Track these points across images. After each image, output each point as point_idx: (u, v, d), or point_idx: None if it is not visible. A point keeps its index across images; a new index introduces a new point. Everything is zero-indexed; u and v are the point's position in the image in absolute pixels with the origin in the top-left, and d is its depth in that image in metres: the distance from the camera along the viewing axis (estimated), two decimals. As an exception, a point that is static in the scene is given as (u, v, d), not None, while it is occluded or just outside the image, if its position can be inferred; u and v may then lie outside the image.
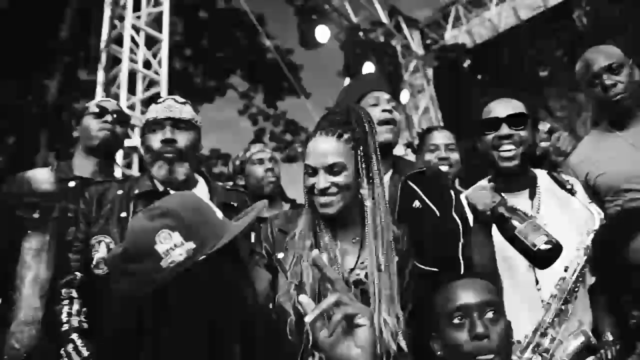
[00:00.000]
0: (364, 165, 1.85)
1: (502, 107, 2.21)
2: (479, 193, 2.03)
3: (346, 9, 8.67)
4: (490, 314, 1.61)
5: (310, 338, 1.08)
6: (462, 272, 2.06)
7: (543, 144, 2.90)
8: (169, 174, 2.25)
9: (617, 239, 1.44)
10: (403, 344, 1.74)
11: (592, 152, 2.53)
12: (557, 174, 2.18)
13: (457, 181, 3.12)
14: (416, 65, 9.87)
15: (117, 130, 2.83)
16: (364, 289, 1.81)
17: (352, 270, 1.84)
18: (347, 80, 8.89)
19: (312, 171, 1.85)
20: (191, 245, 1.23)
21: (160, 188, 2.26)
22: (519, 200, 2.22)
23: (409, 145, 3.91)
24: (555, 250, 1.76)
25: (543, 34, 10.01)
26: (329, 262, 1.82)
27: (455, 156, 3.16)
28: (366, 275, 1.82)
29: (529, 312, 2.02)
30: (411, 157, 3.47)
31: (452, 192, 2.24)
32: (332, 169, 1.83)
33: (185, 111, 2.31)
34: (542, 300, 2.00)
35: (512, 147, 2.16)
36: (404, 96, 8.93)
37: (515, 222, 1.83)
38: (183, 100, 2.37)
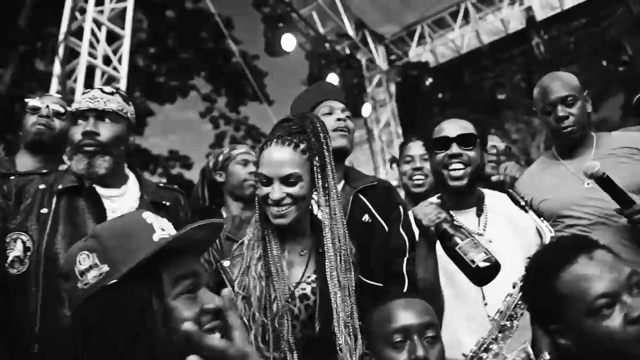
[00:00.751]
0: (319, 177, 1.84)
1: (452, 127, 2.26)
2: (425, 209, 2.06)
3: (313, 20, 8.69)
4: (429, 336, 1.63)
5: None
6: (405, 287, 2.09)
7: (494, 178, 2.99)
8: (88, 167, 2.14)
9: (549, 267, 1.46)
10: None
11: (538, 178, 2.61)
12: (513, 191, 2.21)
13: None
14: (380, 80, 9.99)
15: (56, 125, 2.74)
16: (308, 304, 1.80)
17: (298, 283, 1.83)
18: (310, 90, 8.92)
19: (266, 181, 1.82)
20: (105, 268, 1.19)
21: (87, 183, 2.15)
22: (466, 217, 2.29)
23: (392, 160, 3.93)
24: (493, 268, 1.80)
25: (503, 59, 10.32)
26: (276, 274, 1.80)
27: (429, 166, 3.17)
28: (312, 290, 1.81)
29: (475, 326, 2.07)
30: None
31: (401, 208, 2.26)
32: (287, 180, 1.80)
33: (112, 102, 2.21)
34: (488, 316, 2.03)
35: (461, 166, 2.22)
36: (366, 109, 9.01)
37: (457, 239, 1.87)
38: (111, 90, 2.27)
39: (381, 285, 2.12)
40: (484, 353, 1.93)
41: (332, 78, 8.29)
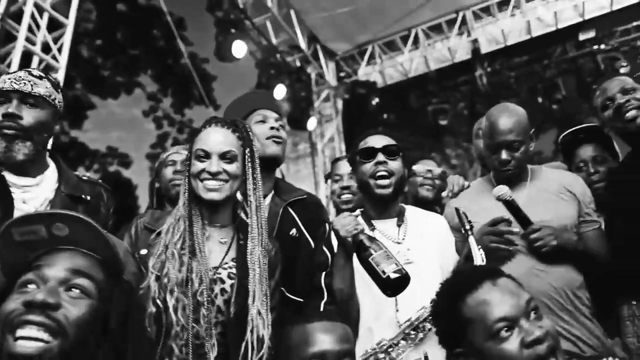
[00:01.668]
0: (250, 166, 1.97)
1: (377, 139, 2.39)
2: (344, 220, 2.14)
3: (267, 29, 8.69)
4: None
5: None
6: (324, 300, 2.13)
7: (428, 193, 3.07)
8: (5, 151, 2.05)
9: (456, 292, 1.53)
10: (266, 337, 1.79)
11: (470, 202, 2.65)
12: (463, 214, 2.27)
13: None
14: (328, 95, 10.09)
15: None
16: (224, 288, 1.84)
17: (215, 268, 1.87)
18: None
19: (204, 155, 1.92)
20: None
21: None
22: (387, 226, 2.39)
23: (327, 177, 3.98)
24: (403, 279, 1.89)
25: (448, 86, 10.67)
26: (199, 254, 1.84)
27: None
28: (229, 275, 1.86)
29: (383, 329, 2.13)
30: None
31: (327, 225, 2.31)
32: (225, 156, 1.93)
33: (40, 87, 2.13)
34: (397, 322, 2.12)
35: (387, 174, 2.33)
36: (312, 123, 9.08)
37: (371, 250, 1.96)
38: (40, 74, 2.19)
39: (302, 300, 2.16)
40: (382, 354, 2.04)
41: (280, 89, 8.31)
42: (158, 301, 1.73)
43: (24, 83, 2.10)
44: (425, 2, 8.90)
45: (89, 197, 2.29)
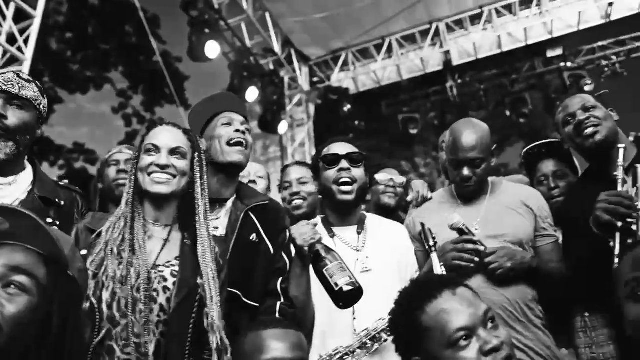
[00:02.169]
0: (198, 169, 2.01)
1: (341, 147, 2.43)
2: (302, 229, 2.15)
3: (241, 31, 8.67)
4: None
5: None
6: (279, 303, 2.14)
7: (391, 201, 3.11)
8: None
9: (415, 301, 1.55)
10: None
11: (432, 213, 2.68)
12: (428, 230, 2.31)
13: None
14: (300, 100, 10.11)
15: None
16: (167, 286, 1.82)
17: (157, 266, 1.85)
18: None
19: (154, 149, 1.94)
20: None
21: None
22: (348, 234, 2.41)
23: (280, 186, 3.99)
24: (355, 292, 1.90)
25: (419, 96, 10.82)
26: (139, 251, 1.83)
27: (307, 189, 3.23)
28: (171, 273, 1.85)
29: (339, 336, 2.15)
30: None
31: (287, 232, 2.31)
32: (175, 151, 1.95)
33: (28, 90, 2.17)
34: (354, 329, 2.13)
35: (350, 181, 2.36)
36: (283, 127, 9.07)
37: (327, 261, 1.97)
38: (29, 78, 2.22)
39: (257, 305, 2.16)
40: None
41: (253, 91, 8.29)
42: (92, 298, 1.71)
43: (12, 85, 2.13)
44: (400, 12, 9.02)
45: (62, 202, 2.30)
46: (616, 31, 9.74)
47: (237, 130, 2.33)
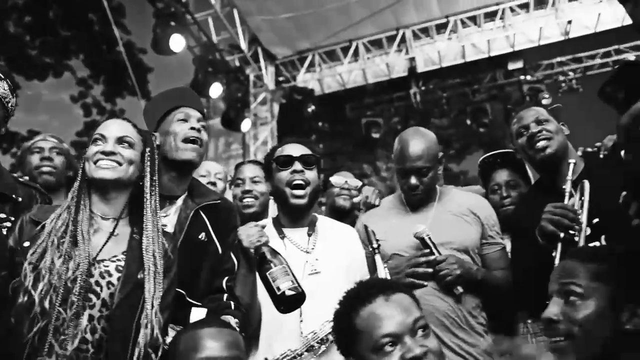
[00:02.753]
0: (149, 164, 1.98)
1: (295, 148, 2.43)
2: (250, 230, 2.15)
3: (208, 26, 8.57)
4: None
5: None
6: (224, 298, 2.14)
7: (345, 203, 3.14)
8: None
9: (352, 304, 1.57)
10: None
11: (381, 219, 2.72)
12: (371, 232, 2.35)
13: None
14: (265, 98, 10.04)
15: None
16: (110, 282, 1.78)
17: (99, 260, 1.80)
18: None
19: (101, 138, 1.92)
20: None
21: None
22: (298, 236, 2.41)
23: (231, 182, 3.96)
24: (297, 297, 1.91)
25: (383, 100, 10.93)
26: (81, 241, 1.79)
27: (260, 188, 3.21)
28: (116, 268, 1.81)
29: (286, 338, 2.15)
30: None
31: (237, 231, 2.29)
32: (122, 140, 1.93)
33: None
34: (301, 332, 2.14)
35: (303, 183, 2.36)
36: (246, 124, 9.00)
37: (271, 264, 1.97)
38: (0, 75, 2.20)
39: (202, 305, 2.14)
40: None
41: (217, 87, 8.20)
42: (32, 290, 1.66)
43: None
44: (368, 16, 9.09)
45: (20, 199, 2.28)
46: (574, 48, 10.09)
47: (193, 128, 2.30)
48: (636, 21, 1.59)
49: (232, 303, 2.14)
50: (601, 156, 2.56)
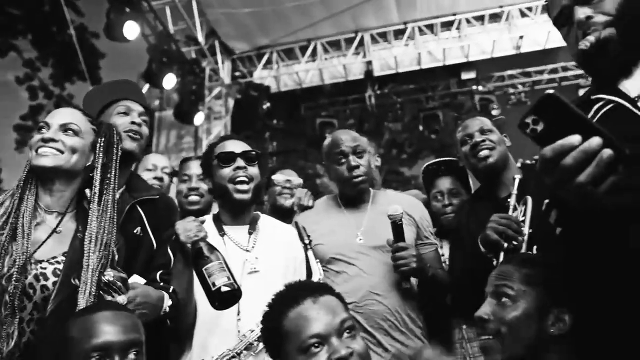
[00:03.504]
0: (100, 155, 1.91)
1: (236, 145, 2.41)
2: (188, 225, 2.12)
3: (166, 15, 8.39)
4: (132, 356, 1.52)
5: None
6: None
7: (287, 202, 3.14)
8: None
9: (281, 305, 1.58)
10: None
11: (317, 221, 2.74)
12: (302, 228, 2.36)
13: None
14: (220, 93, 9.92)
15: None
16: (46, 285, 1.70)
17: (38, 261, 1.72)
18: (146, 86, 8.54)
19: (45, 126, 1.85)
20: None
21: None
22: (239, 234, 2.39)
23: (173, 174, 3.87)
24: (233, 293, 1.88)
25: (339, 102, 11.00)
26: (21, 235, 1.70)
27: (206, 186, 3.14)
28: (54, 272, 1.72)
29: (223, 336, 2.13)
30: None
31: (175, 226, 2.25)
32: (66, 127, 1.85)
33: None
34: (239, 331, 2.12)
35: (247, 180, 2.34)
36: (199, 118, 8.86)
37: (208, 260, 1.93)
38: None
39: None
40: None
41: (171, 79, 8.03)
42: None
43: None
44: (328, 17, 9.11)
45: None
46: (524, 63, 10.43)
47: (134, 122, 2.25)
48: (569, 46, 1.66)
49: (169, 287, 2.09)
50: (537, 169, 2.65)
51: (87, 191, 1.89)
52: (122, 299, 1.75)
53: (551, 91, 1.16)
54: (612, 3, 1.51)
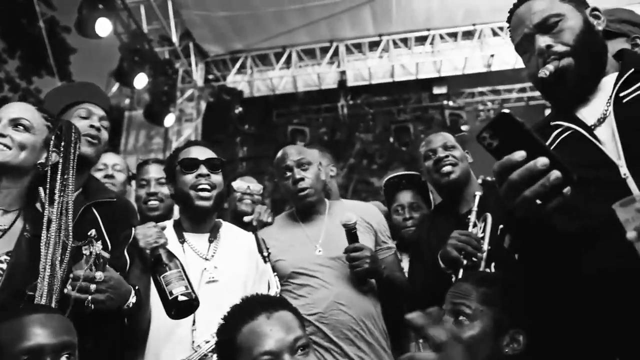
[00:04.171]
0: (53, 154, 1.86)
1: (200, 151, 2.40)
2: (148, 230, 2.09)
3: (140, 13, 8.28)
4: (64, 359, 1.48)
5: None
6: None
7: (246, 218, 3.13)
8: None
9: (235, 320, 1.58)
10: None
11: (276, 237, 2.73)
12: (262, 240, 2.43)
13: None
14: (192, 95, 9.83)
15: None
16: None
17: None
18: (116, 85, 8.42)
19: None
20: None
21: None
22: (199, 241, 2.36)
23: (131, 177, 3.79)
24: (190, 302, 1.86)
25: (311, 110, 11.03)
26: None
27: (166, 190, 3.06)
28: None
29: (176, 346, 2.09)
30: None
31: (133, 230, 2.22)
32: (16, 123, 1.80)
33: None
34: (193, 341, 2.08)
35: (209, 187, 2.33)
36: (169, 119, 8.75)
37: (166, 267, 1.90)
38: None
39: None
40: None
41: (142, 78, 7.92)
42: None
43: None
44: (303, 25, 9.15)
45: None
46: (494, 81, 10.68)
47: (93, 126, 2.21)
48: (530, 72, 1.71)
49: (135, 285, 2.04)
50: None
51: (41, 189, 1.83)
52: (99, 275, 1.74)
53: (507, 110, 1.22)
54: (570, 34, 1.57)
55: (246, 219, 2.97)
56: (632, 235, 1.04)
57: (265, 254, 2.32)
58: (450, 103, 10.27)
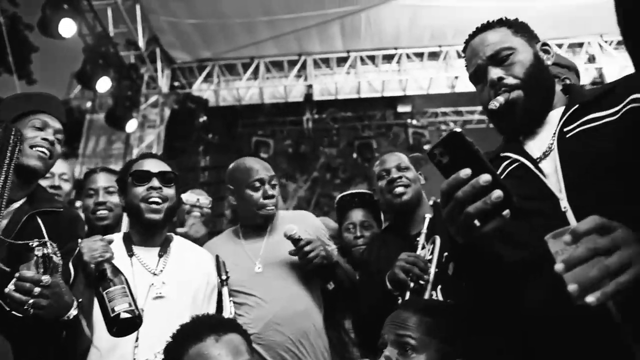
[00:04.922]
0: None
1: (153, 164, 2.38)
2: (93, 244, 2.03)
3: (106, 16, 8.16)
4: None
5: None
6: None
7: (180, 230, 3.10)
8: None
9: (183, 340, 1.56)
10: None
11: (219, 252, 2.66)
12: (222, 263, 2.39)
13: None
14: (156, 101, 9.71)
15: None
16: None
17: None
18: (78, 87, 8.25)
19: None
20: None
21: None
22: (148, 255, 2.32)
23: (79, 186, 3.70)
24: (133, 320, 1.80)
25: (276, 122, 11.04)
26: None
27: (114, 199, 3.02)
28: None
29: None
30: None
31: (79, 242, 2.16)
32: None
33: None
34: (134, 359, 2.04)
35: (160, 200, 2.30)
36: (132, 125, 8.61)
37: (110, 283, 1.85)
38: None
39: None
40: None
41: (105, 82, 7.78)
42: None
43: None
44: (272, 37, 9.18)
45: None
46: (457, 101, 10.93)
47: (46, 139, 2.14)
48: (482, 102, 1.77)
49: (78, 298, 2.00)
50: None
51: None
52: (46, 278, 1.71)
53: (458, 129, 1.25)
54: (520, 67, 1.64)
55: (179, 230, 2.94)
56: (559, 267, 1.06)
57: (224, 277, 2.30)
58: (414, 122, 10.45)
